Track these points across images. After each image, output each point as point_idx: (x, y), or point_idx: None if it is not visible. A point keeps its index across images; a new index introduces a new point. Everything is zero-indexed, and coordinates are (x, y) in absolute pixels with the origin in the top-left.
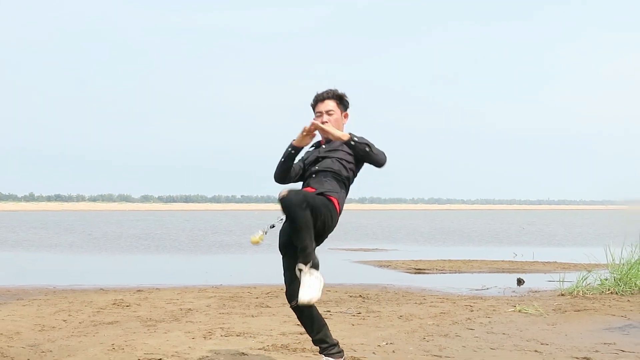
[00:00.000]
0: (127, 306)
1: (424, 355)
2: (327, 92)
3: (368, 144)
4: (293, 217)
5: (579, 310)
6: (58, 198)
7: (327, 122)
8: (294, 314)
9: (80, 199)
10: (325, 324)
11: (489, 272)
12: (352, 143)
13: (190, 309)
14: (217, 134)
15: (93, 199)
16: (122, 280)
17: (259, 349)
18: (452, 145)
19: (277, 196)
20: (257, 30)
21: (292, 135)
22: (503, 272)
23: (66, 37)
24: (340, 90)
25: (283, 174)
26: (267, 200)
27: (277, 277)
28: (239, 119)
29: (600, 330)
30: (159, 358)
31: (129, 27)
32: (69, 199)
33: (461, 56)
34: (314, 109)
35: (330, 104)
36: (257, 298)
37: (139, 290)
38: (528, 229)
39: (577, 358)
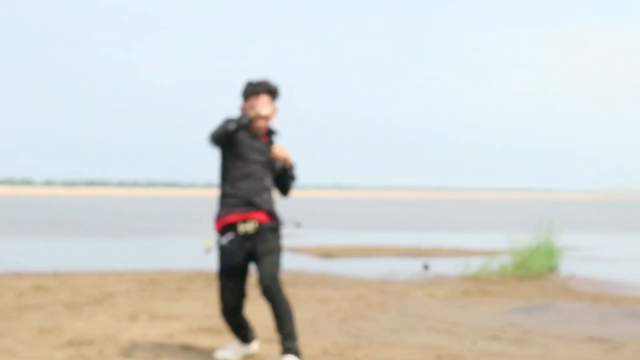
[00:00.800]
0: (48, 290)
1: (345, 336)
2: (263, 84)
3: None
4: (276, 306)
5: (484, 294)
6: None
7: (265, 118)
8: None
9: None
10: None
11: (397, 257)
12: (290, 172)
13: (111, 293)
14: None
15: None
16: (37, 265)
17: (185, 330)
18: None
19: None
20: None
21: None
22: (410, 257)
23: None
24: (273, 82)
25: (224, 141)
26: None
27: (193, 261)
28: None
29: (506, 312)
30: (89, 339)
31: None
32: None
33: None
34: (245, 98)
35: (266, 101)
36: (177, 282)
37: (56, 275)
38: (430, 215)
39: (487, 337)
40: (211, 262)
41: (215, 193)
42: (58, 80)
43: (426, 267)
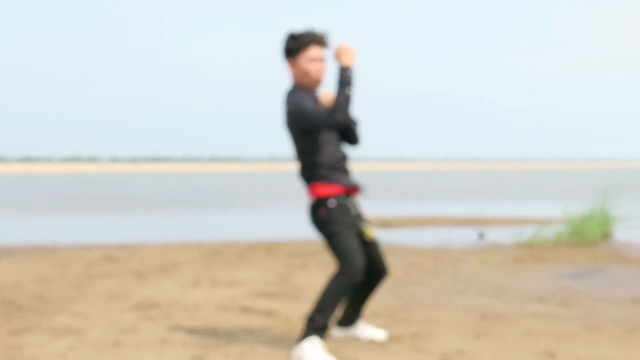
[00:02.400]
0: (116, 260)
1: (396, 300)
2: (327, 36)
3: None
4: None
5: (536, 260)
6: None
7: (324, 72)
8: (275, 266)
9: (49, 159)
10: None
11: (453, 226)
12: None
13: (176, 262)
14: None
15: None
16: (106, 238)
17: (245, 295)
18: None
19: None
20: None
21: (252, 93)
22: (465, 226)
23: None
24: (324, 32)
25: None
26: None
27: (254, 233)
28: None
29: (555, 277)
30: (156, 303)
31: None
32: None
33: None
34: (301, 50)
35: (324, 55)
36: (237, 252)
37: (123, 246)
38: (489, 186)
39: (533, 300)
40: (271, 233)
41: (277, 167)
42: (121, 62)
43: (481, 235)
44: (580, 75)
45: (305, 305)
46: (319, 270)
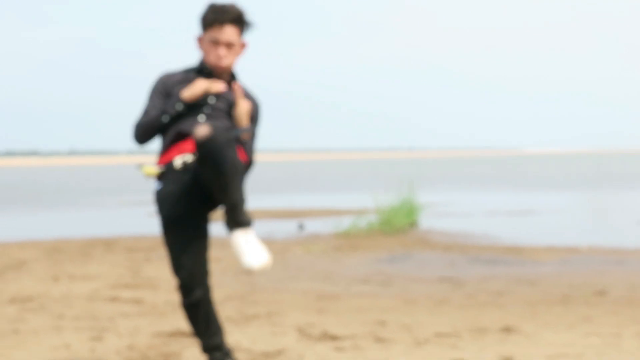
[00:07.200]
0: None
1: (241, 285)
2: (229, 12)
3: (247, 150)
4: (219, 163)
5: (354, 248)
6: None
7: (225, 56)
8: (120, 260)
9: None
10: (221, 326)
11: (273, 219)
12: (237, 135)
13: (22, 260)
14: None
15: None
16: None
17: (107, 286)
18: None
19: (193, 135)
20: None
21: None
22: (285, 218)
23: None
24: (242, 9)
25: (152, 135)
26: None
27: (87, 229)
28: None
29: (372, 262)
30: (27, 296)
31: None
32: None
33: None
34: (205, 29)
35: (231, 34)
36: (78, 249)
37: None
38: (298, 178)
39: (358, 282)
40: (101, 230)
41: (76, 161)
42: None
43: (301, 227)
44: (369, 69)
45: (165, 294)
46: (164, 263)
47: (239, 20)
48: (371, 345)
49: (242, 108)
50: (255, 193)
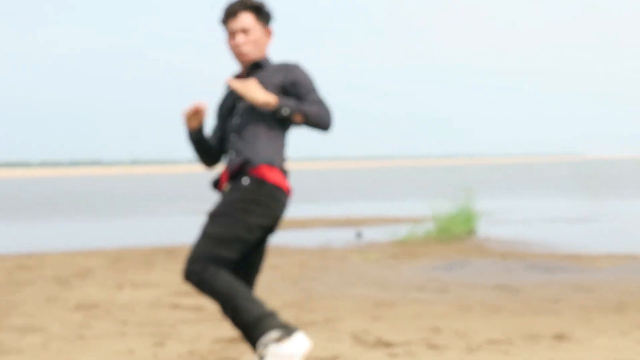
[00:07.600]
0: (32, 269)
1: (299, 293)
2: (238, 2)
3: (303, 110)
4: (210, 295)
5: (410, 256)
6: None
7: (242, 43)
8: (180, 268)
9: None
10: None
11: (331, 227)
12: (283, 114)
13: (88, 268)
14: None
15: None
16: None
17: (169, 293)
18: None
19: None
20: None
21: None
22: (342, 226)
23: None
24: None
25: (207, 159)
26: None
27: (150, 238)
28: None
29: (428, 269)
30: (92, 303)
31: None
32: None
33: None
34: (225, 26)
35: (245, 19)
36: (142, 257)
37: (29, 255)
38: (356, 185)
39: (414, 289)
40: (170, 237)
41: (139, 170)
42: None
43: (359, 235)
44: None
45: None
46: None
47: (249, 6)
48: (424, 352)
49: (251, 97)
50: (314, 201)
